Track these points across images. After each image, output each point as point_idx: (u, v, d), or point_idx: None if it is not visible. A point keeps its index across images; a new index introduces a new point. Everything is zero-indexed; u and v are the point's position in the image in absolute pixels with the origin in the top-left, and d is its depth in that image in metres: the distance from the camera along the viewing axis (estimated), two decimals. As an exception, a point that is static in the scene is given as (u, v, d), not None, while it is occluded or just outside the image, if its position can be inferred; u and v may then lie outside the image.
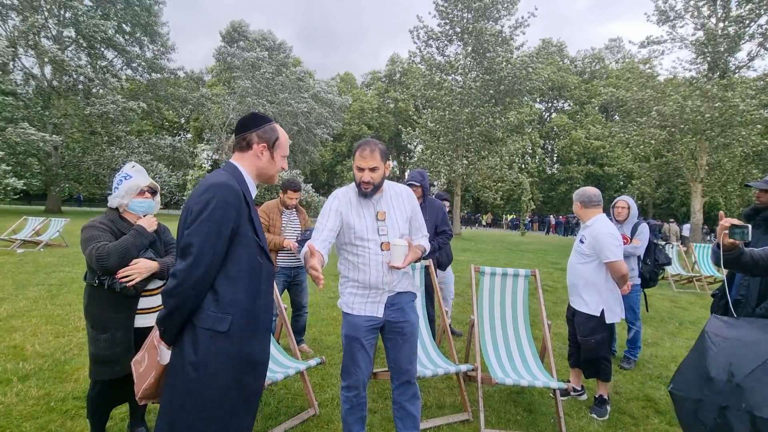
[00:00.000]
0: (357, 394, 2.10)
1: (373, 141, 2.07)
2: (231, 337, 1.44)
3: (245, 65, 29.76)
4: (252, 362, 1.52)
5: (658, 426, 2.89)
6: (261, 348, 1.57)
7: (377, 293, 2.07)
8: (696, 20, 17.58)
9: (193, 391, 1.41)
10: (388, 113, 45.61)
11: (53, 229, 10.10)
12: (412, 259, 2.03)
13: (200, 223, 1.40)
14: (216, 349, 1.43)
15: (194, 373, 1.41)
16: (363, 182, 2.02)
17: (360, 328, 2.06)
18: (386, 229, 2.07)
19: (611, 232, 2.93)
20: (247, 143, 1.58)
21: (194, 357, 1.42)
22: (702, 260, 9.45)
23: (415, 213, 2.21)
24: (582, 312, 3.00)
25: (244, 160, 1.60)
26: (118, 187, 2.12)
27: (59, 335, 3.95)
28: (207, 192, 1.43)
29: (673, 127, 17.54)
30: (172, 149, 28.86)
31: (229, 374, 1.45)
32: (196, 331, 1.43)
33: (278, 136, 1.62)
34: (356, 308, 2.08)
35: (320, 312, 5.38)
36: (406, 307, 2.14)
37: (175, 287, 1.39)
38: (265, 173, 1.63)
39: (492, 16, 22.03)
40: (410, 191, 2.24)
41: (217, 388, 1.43)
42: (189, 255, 1.39)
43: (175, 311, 1.41)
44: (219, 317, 1.43)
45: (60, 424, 2.45)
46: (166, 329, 1.46)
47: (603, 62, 46.37)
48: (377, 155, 2.00)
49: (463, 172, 22.78)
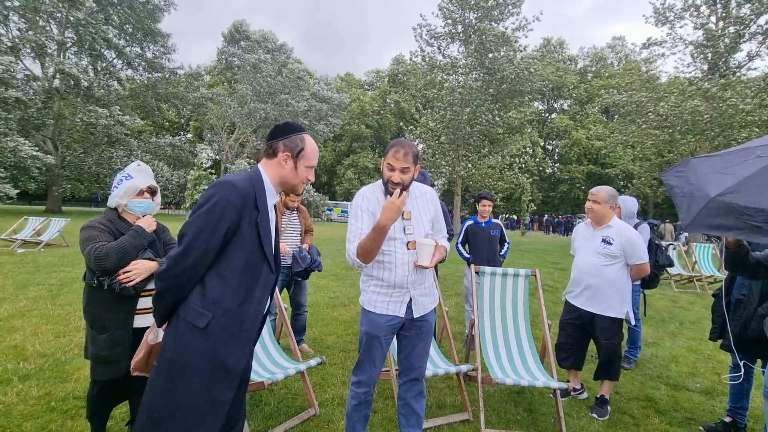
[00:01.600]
0: (367, 391, 2.11)
1: (408, 142, 2.07)
2: (207, 336, 1.45)
3: (245, 66, 29.76)
4: (225, 368, 1.48)
5: (658, 426, 2.89)
6: (238, 357, 1.52)
7: (401, 292, 2.07)
8: (695, 20, 17.58)
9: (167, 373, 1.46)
10: (389, 113, 45.57)
11: (53, 229, 10.10)
12: (438, 258, 2.05)
13: (198, 215, 1.45)
14: (189, 343, 1.45)
15: (169, 363, 1.46)
16: (392, 182, 2.02)
17: (381, 327, 2.06)
18: (412, 228, 2.08)
19: (638, 233, 2.97)
20: (273, 151, 1.61)
21: (172, 346, 1.47)
22: (702, 260, 9.44)
23: (438, 214, 2.23)
24: (607, 316, 2.93)
25: (268, 166, 1.63)
26: (118, 186, 2.12)
27: (60, 335, 3.95)
28: (213, 188, 1.48)
29: (672, 128, 17.53)
30: (173, 148, 28.89)
31: (201, 375, 1.45)
32: (178, 321, 1.48)
33: (304, 147, 1.63)
34: (379, 306, 2.08)
35: (320, 312, 5.38)
36: (429, 308, 2.15)
37: (164, 271, 1.45)
38: (288, 182, 1.64)
39: (495, 17, 22.03)
40: (434, 192, 2.28)
41: (188, 381, 1.45)
42: (182, 243, 1.45)
43: (162, 294, 1.47)
44: (200, 313, 1.45)
45: (60, 423, 2.45)
46: (155, 310, 1.53)
47: (604, 61, 46.35)
48: (410, 158, 2.01)
49: (464, 173, 22.79)
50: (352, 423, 2.14)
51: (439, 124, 22.47)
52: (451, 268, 9.57)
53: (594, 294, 2.99)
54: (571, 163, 41.84)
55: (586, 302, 3.04)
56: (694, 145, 18.12)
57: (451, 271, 9.34)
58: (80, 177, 25.74)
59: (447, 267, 9.59)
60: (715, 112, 16.08)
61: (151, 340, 1.68)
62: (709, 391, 3.52)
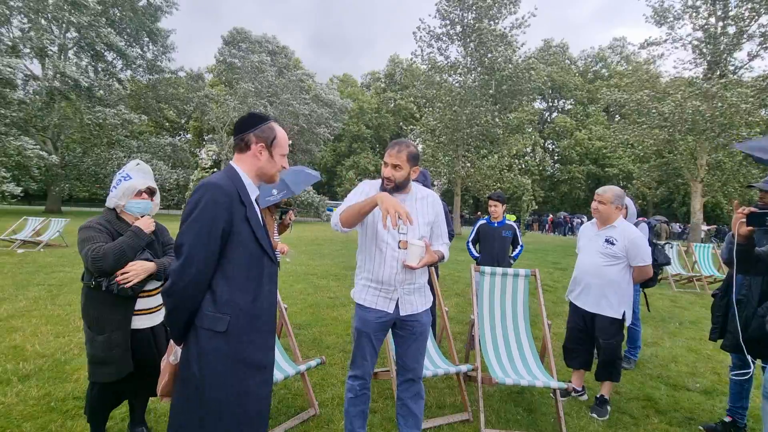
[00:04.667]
0: (362, 384, 2.14)
1: (405, 142, 2.11)
2: (229, 338, 1.44)
3: (246, 67, 29.78)
4: (254, 365, 1.49)
5: (658, 426, 2.89)
6: (264, 351, 1.54)
7: (389, 290, 2.08)
8: (695, 21, 17.58)
9: (199, 388, 1.42)
10: (387, 113, 45.58)
11: (53, 230, 10.10)
12: (427, 261, 2.04)
13: (190, 223, 1.41)
14: (215, 349, 1.42)
15: (198, 372, 1.43)
16: (385, 177, 2.07)
17: (370, 323, 2.09)
18: (406, 228, 2.09)
19: (642, 235, 2.96)
20: (246, 144, 1.58)
21: (196, 356, 1.43)
22: (702, 260, 9.44)
23: (439, 219, 2.23)
24: (606, 316, 2.94)
25: (242, 161, 1.59)
26: (117, 187, 2.11)
27: (59, 335, 3.95)
28: (197, 192, 1.44)
29: (672, 127, 17.53)
30: (173, 148, 28.89)
31: (233, 377, 1.44)
32: (198, 332, 1.44)
33: (276, 135, 1.61)
34: (368, 300, 2.11)
35: (320, 312, 5.38)
36: (419, 308, 2.15)
37: (170, 287, 1.41)
38: (266, 173, 1.63)
39: (493, 16, 22.03)
40: (437, 197, 2.28)
41: (222, 388, 1.43)
42: (181, 255, 1.41)
43: (174, 311, 1.44)
44: (217, 317, 1.43)
45: (60, 424, 2.44)
46: (170, 328, 1.50)
47: (606, 61, 46.35)
48: (404, 156, 2.04)
49: (464, 174, 22.80)
50: (350, 418, 2.16)
51: (438, 124, 22.48)
52: (450, 268, 9.58)
53: (594, 293, 3.00)
54: (571, 163, 41.83)
55: (586, 302, 3.05)
56: (693, 145, 18.11)
57: (451, 271, 9.34)
58: (80, 177, 25.76)
59: (447, 267, 9.59)
60: (716, 111, 16.07)
61: (173, 360, 1.60)
62: (708, 391, 3.52)
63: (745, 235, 1.90)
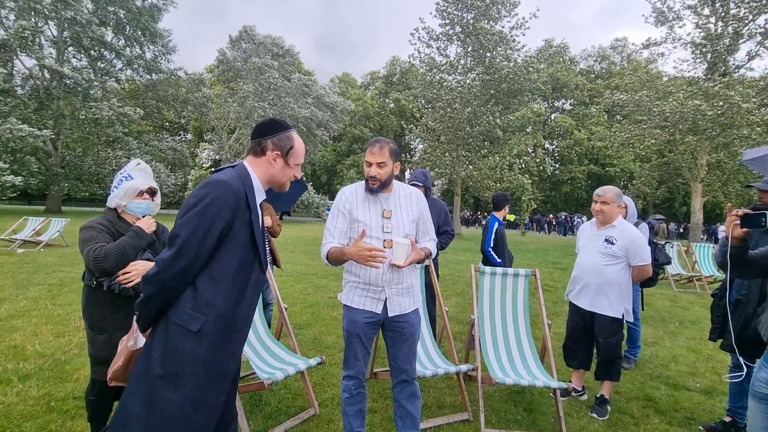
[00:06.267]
0: (357, 383, 2.15)
1: (384, 139, 2.12)
2: (200, 339, 1.40)
3: (248, 68, 29.75)
4: (218, 370, 1.45)
5: (658, 426, 2.89)
6: (231, 359, 1.50)
7: (377, 290, 2.09)
8: (694, 20, 17.58)
9: (156, 387, 1.37)
10: (389, 113, 45.57)
11: (53, 229, 10.10)
12: (414, 259, 2.04)
13: (191, 216, 1.39)
14: (183, 347, 1.39)
15: (159, 368, 1.38)
16: (370, 177, 2.07)
17: (358, 324, 2.10)
18: (391, 227, 2.09)
19: (642, 235, 2.98)
20: (262, 149, 1.58)
21: (162, 350, 1.40)
22: (702, 260, 9.44)
23: (423, 216, 2.22)
24: (606, 315, 2.95)
25: (256, 164, 1.59)
26: (118, 187, 2.11)
27: (60, 335, 3.96)
28: (205, 187, 1.42)
29: (673, 127, 17.52)
30: (173, 151, 28.90)
31: (194, 380, 1.39)
32: (168, 325, 1.41)
33: (293, 145, 1.61)
34: (356, 301, 2.11)
35: (320, 312, 5.38)
36: (407, 308, 2.15)
37: (154, 275, 1.38)
38: (277, 180, 1.63)
39: (492, 16, 22.03)
40: (421, 194, 2.27)
41: (178, 390, 1.37)
42: (174, 245, 1.38)
43: (151, 299, 1.41)
44: (193, 316, 1.40)
45: (60, 424, 2.45)
46: (140, 315, 1.45)
47: (608, 60, 46.31)
48: (386, 152, 2.05)
49: (464, 173, 22.79)
50: (347, 418, 2.16)
51: (439, 124, 22.48)
52: (451, 268, 9.58)
53: (593, 293, 3.01)
54: (572, 163, 41.82)
55: (585, 301, 3.06)
56: (694, 145, 18.11)
57: (451, 271, 9.34)
58: (80, 177, 25.74)
59: (447, 267, 9.59)
60: (717, 111, 16.06)
61: (132, 346, 1.57)
62: (709, 391, 3.52)
63: (739, 237, 1.88)
